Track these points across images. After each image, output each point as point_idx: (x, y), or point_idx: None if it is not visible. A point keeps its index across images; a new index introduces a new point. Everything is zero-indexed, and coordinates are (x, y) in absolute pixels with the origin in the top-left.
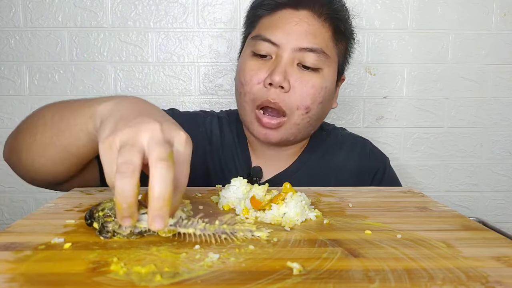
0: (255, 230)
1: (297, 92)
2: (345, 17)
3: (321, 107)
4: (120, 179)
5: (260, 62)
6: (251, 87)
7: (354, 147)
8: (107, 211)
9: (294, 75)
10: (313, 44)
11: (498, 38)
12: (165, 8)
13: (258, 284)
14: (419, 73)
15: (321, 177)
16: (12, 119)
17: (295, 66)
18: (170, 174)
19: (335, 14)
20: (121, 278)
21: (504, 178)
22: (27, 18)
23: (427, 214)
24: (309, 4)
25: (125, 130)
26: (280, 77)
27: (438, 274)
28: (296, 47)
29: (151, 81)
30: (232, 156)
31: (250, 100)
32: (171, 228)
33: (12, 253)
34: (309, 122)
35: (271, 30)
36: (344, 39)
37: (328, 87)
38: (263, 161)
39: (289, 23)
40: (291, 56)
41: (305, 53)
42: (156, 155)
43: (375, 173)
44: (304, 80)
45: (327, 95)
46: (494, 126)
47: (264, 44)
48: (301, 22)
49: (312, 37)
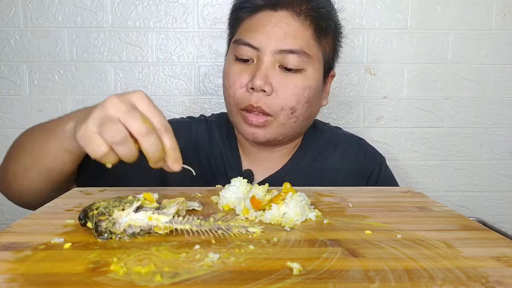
0: (249, 226)
1: (280, 94)
2: (326, 13)
3: (307, 107)
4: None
5: (242, 66)
6: (235, 91)
7: (349, 147)
8: (102, 210)
9: (276, 78)
10: (293, 45)
11: (498, 38)
12: (165, 8)
13: (258, 284)
14: (419, 73)
15: (314, 177)
16: (12, 119)
17: (276, 68)
18: (154, 140)
19: (315, 12)
20: (121, 278)
21: (504, 178)
22: (27, 18)
23: (427, 214)
24: (287, 4)
25: (95, 114)
26: (261, 81)
27: (438, 274)
28: (276, 49)
29: (151, 81)
30: (222, 159)
31: (235, 104)
32: (167, 225)
33: (12, 253)
34: (296, 122)
35: (251, 33)
36: (328, 36)
37: (312, 86)
38: (255, 163)
39: (268, 25)
40: (272, 59)
41: (286, 55)
42: (136, 130)
43: (370, 173)
44: (286, 82)
45: (312, 94)
46: (494, 126)
47: (244, 48)
48: (280, 23)
49: (292, 38)
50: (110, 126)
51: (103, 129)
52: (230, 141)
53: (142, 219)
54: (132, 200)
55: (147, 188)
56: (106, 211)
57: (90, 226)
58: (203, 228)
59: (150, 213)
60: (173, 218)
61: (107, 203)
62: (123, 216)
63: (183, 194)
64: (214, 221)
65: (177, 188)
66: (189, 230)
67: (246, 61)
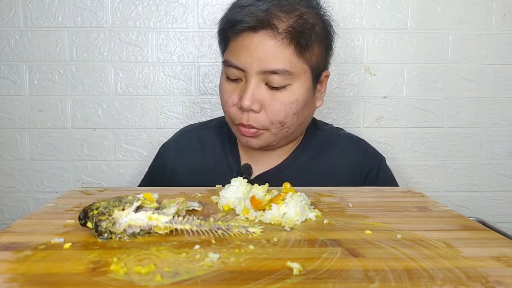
0: (248, 226)
1: (268, 111)
2: (306, 28)
3: (297, 117)
4: None
5: (232, 85)
6: (228, 108)
7: (348, 147)
8: (102, 210)
9: (262, 96)
10: (275, 66)
11: (498, 38)
12: (165, 8)
13: (258, 284)
14: (419, 73)
15: (311, 175)
16: (12, 119)
17: (263, 86)
18: None
19: (293, 30)
20: (121, 278)
21: (504, 178)
22: (27, 18)
23: (427, 214)
24: (265, 26)
25: None
26: (248, 102)
27: (438, 274)
28: (260, 70)
29: (151, 81)
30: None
31: (230, 119)
32: (167, 225)
33: (12, 253)
34: (287, 131)
35: (236, 55)
36: (311, 47)
37: (300, 99)
38: (254, 159)
39: (250, 47)
40: (258, 78)
41: (269, 75)
42: None
43: (368, 171)
44: (273, 99)
45: (300, 105)
46: (494, 126)
47: (232, 70)
48: (261, 44)
49: (273, 59)
50: None
51: None
52: (230, 139)
53: (142, 219)
54: (132, 200)
55: (147, 188)
56: (106, 211)
57: (90, 226)
58: (203, 228)
59: (150, 213)
60: (173, 218)
61: (107, 203)
62: (123, 216)
63: (183, 194)
64: (214, 221)
65: (177, 188)
66: (189, 230)
67: (236, 80)
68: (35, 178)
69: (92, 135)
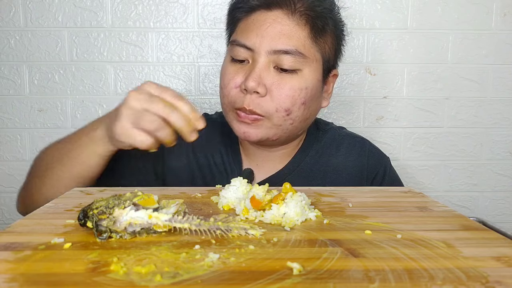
0: (249, 228)
1: (274, 96)
2: (323, 11)
3: (304, 108)
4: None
5: (237, 66)
6: (229, 91)
7: (352, 147)
8: (102, 209)
9: (270, 79)
10: (288, 46)
11: (498, 38)
12: (165, 8)
13: (258, 284)
14: (419, 73)
15: (316, 179)
16: (12, 119)
17: (271, 69)
18: (178, 114)
19: (310, 10)
20: (121, 278)
21: (504, 178)
22: (27, 18)
23: (427, 214)
24: (281, 3)
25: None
26: (254, 83)
27: (438, 274)
28: (271, 50)
29: (151, 81)
30: (222, 158)
31: (229, 103)
32: (166, 223)
33: (12, 253)
34: (292, 124)
35: (246, 34)
36: (326, 35)
37: (310, 87)
38: (255, 163)
39: (262, 25)
40: (267, 59)
41: (280, 55)
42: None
43: (374, 175)
44: (281, 83)
45: (309, 95)
46: (494, 126)
47: (240, 49)
48: (274, 23)
49: (286, 38)
50: (143, 118)
51: (139, 122)
52: (232, 140)
53: (142, 217)
54: (131, 196)
55: (146, 188)
56: (107, 210)
57: (90, 226)
58: (202, 228)
59: (150, 211)
60: (173, 217)
61: (106, 202)
62: (124, 215)
63: (183, 194)
64: (215, 221)
65: (177, 188)
66: (188, 229)
67: (242, 62)
68: None
69: None
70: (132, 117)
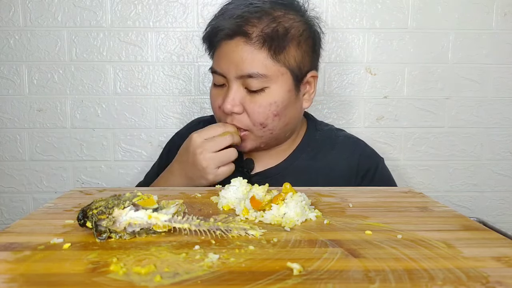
0: (249, 229)
1: (249, 113)
2: (279, 31)
3: (279, 119)
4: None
5: (218, 90)
6: (215, 111)
7: (346, 146)
8: (102, 209)
9: (243, 98)
10: (250, 70)
11: (499, 37)
12: (165, 8)
13: (258, 284)
14: (420, 73)
15: (309, 176)
16: (11, 119)
17: (242, 90)
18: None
19: (265, 35)
20: (121, 278)
21: (504, 178)
22: (26, 17)
23: (427, 214)
24: (239, 32)
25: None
26: (229, 105)
27: (439, 274)
28: (237, 75)
29: (150, 81)
30: None
31: (219, 120)
32: (166, 224)
33: (11, 253)
34: (272, 133)
35: (217, 62)
36: (287, 49)
37: (279, 100)
38: (253, 157)
39: (228, 53)
40: (237, 83)
41: (246, 79)
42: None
43: (365, 172)
44: (252, 102)
45: (280, 107)
46: (495, 126)
47: (217, 76)
48: (236, 50)
49: (248, 63)
50: (222, 158)
51: (220, 164)
52: None
53: (142, 218)
54: (130, 196)
55: (146, 189)
56: (106, 210)
57: (90, 226)
58: (201, 228)
59: (149, 211)
60: (172, 217)
61: (105, 202)
62: (123, 215)
63: (183, 194)
64: (214, 222)
65: (177, 188)
66: (188, 229)
67: (222, 86)
68: (34, 178)
69: (91, 135)
70: (211, 163)
